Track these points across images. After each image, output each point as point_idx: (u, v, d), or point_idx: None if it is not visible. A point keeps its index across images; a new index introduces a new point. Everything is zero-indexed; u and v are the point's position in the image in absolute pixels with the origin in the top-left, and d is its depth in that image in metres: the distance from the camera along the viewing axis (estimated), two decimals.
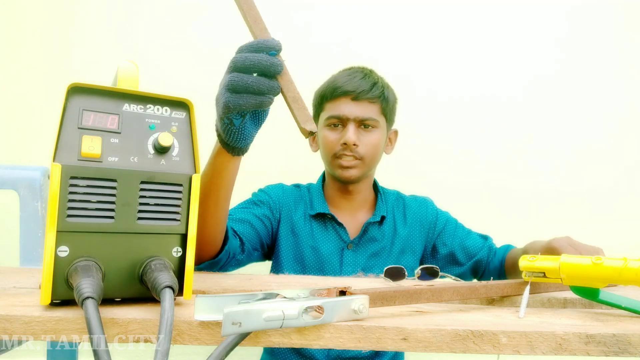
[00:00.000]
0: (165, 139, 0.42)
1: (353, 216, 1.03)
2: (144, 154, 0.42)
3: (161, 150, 0.42)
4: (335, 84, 0.96)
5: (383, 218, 1.01)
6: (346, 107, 0.94)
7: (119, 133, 0.41)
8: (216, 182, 0.64)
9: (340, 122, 0.95)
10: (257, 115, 0.58)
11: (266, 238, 0.96)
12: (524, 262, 0.52)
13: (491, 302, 0.53)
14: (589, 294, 0.48)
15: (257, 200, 0.98)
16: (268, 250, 1.00)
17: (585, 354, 0.37)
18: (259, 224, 0.94)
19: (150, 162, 0.42)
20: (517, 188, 1.50)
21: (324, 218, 1.01)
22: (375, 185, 1.07)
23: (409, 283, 0.59)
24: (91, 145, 0.40)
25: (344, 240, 0.99)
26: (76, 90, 0.41)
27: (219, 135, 0.60)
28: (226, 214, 0.69)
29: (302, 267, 0.97)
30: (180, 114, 0.44)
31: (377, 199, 1.04)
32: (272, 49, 0.53)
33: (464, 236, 1.03)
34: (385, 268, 0.67)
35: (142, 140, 0.42)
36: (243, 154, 0.62)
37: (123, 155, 0.41)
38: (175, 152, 0.43)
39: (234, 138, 0.58)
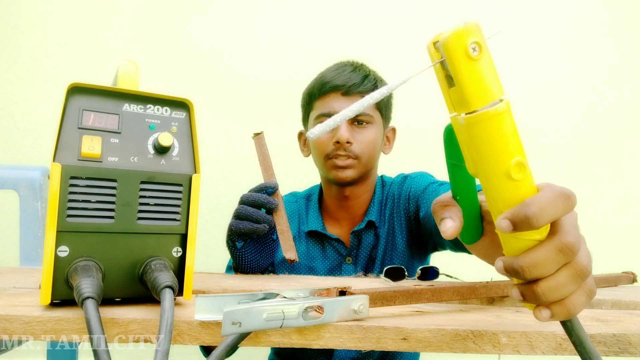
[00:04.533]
0: (165, 139, 0.41)
1: (351, 226, 0.96)
2: (144, 154, 0.42)
3: (161, 150, 0.42)
4: (323, 80, 0.90)
5: (370, 223, 0.94)
6: (336, 103, 0.88)
7: (119, 133, 0.41)
8: None
9: None
10: (259, 246, 0.71)
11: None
12: (451, 39, 0.28)
13: (491, 302, 0.53)
14: (453, 152, 0.34)
15: None
16: None
17: None
18: None
19: (150, 162, 0.42)
20: None
21: (319, 234, 0.96)
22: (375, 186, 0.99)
23: (409, 283, 0.59)
24: (91, 145, 0.40)
25: (341, 255, 0.94)
26: (76, 90, 0.41)
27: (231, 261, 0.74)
28: None
29: None
30: (180, 114, 0.44)
31: (370, 202, 0.97)
32: (270, 188, 0.70)
33: (430, 196, 0.88)
34: (385, 268, 0.67)
35: (142, 140, 0.42)
36: None
37: (123, 155, 0.41)
38: (175, 152, 0.43)
39: (238, 262, 0.71)
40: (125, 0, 1.47)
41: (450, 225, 0.34)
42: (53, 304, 0.39)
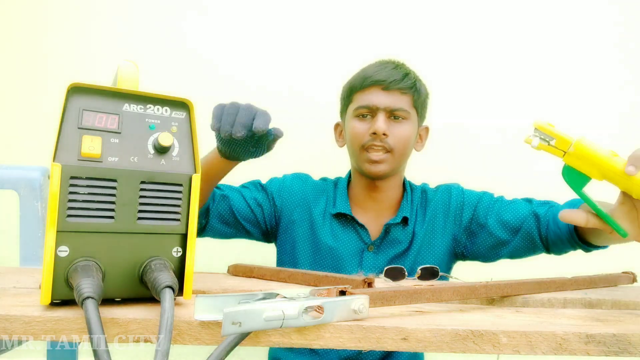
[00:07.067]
0: (165, 139, 0.42)
1: (378, 217, 0.99)
2: (144, 154, 0.42)
3: (161, 150, 0.42)
4: (365, 74, 0.94)
5: (405, 219, 0.97)
6: (376, 97, 0.92)
7: (119, 133, 0.41)
8: (210, 178, 0.79)
9: (369, 113, 0.93)
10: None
11: (261, 217, 0.99)
12: (539, 122, 0.55)
13: (491, 302, 0.53)
14: (577, 181, 0.54)
15: (256, 184, 1.01)
16: (267, 232, 1.01)
17: (585, 354, 0.37)
18: (252, 202, 0.97)
19: (150, 162, 0.42)
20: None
21: (345, 218, 0.98)
22: (404, 184, 1.02)
23: (409, 283, 0.59)
24: (91, 145, 0.40)
25: (364, 242, 0.97)
26: (76, 90, 0.41)
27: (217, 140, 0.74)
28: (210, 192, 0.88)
29: (319, 267, 0.96)
30: (180, 114, 0.44)
31: (403, 198, 1.00)
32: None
33: (502, 210, 0.93)
34: (385, 268, 0.67)
35: (142, 140, 0.42)
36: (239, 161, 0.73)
37: (123, 155, 0.41)
38: (175, 152, 0.43)
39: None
40: (125, 0, 1.47)
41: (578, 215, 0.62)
42: (53, 304, 0.39)
